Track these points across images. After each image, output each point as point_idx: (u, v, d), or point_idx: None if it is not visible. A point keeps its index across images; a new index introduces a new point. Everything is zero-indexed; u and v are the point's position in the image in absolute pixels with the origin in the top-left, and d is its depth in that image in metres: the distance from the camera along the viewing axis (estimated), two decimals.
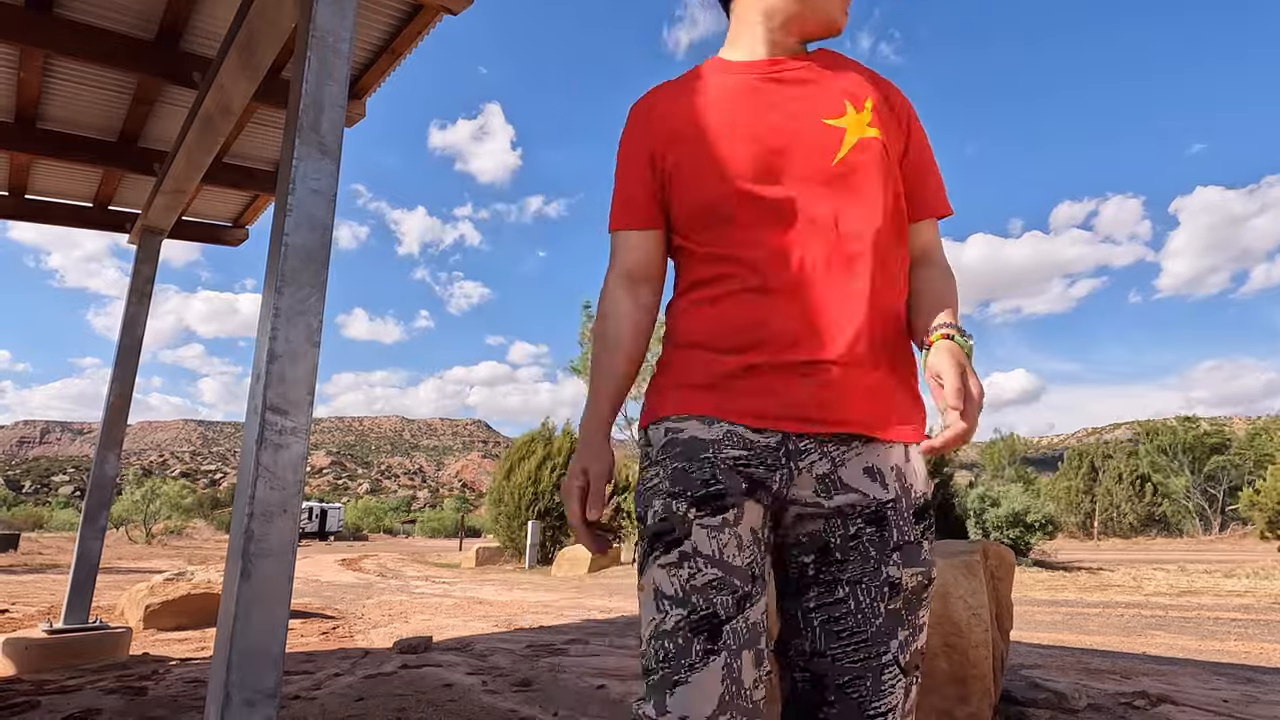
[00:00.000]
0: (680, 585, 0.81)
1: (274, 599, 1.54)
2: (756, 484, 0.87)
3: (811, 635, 0.87)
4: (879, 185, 0.92)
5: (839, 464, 0.87)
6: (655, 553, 0.85)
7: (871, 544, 0.86)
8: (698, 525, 0.83)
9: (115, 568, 13.88)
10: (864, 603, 0.85)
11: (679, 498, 0.85)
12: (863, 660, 0.84)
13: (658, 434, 0.91)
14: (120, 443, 4.23)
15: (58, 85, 3.57)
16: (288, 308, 1.67)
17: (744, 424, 0.87)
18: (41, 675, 3.54)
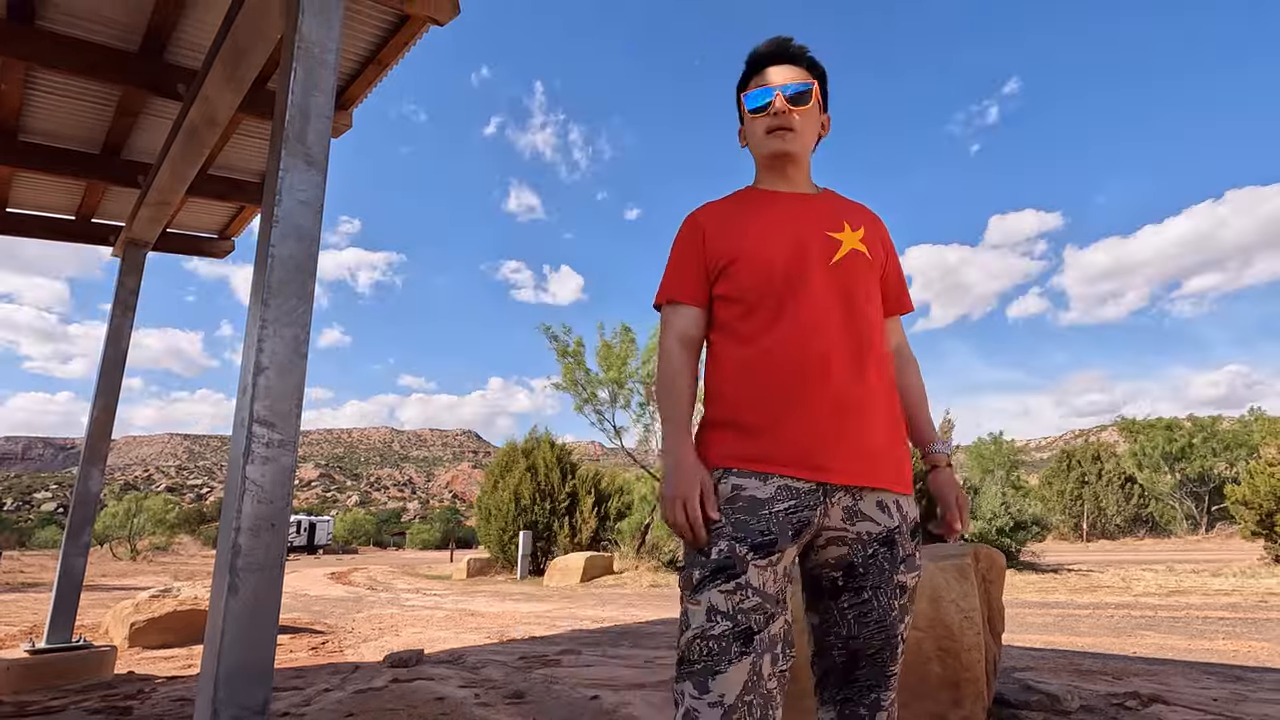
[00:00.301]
0: (732, 606, 1.11)
1: (262, 614, 1.52)
2: (803, 525, 1.17)
3: (847, 625, 1.22)
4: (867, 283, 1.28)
5: (858, 499, 1.20)
6: (718, 580, 1.12)
7: (886, 560, 1.21)
8: (753, 565, 1.13)
9: (99, 585, 13.66)
10: (883, 601, 1.21)
11: (741, 543, 1.13)
12: (884, 639, 1.21)
13: (725, 488, 1.18)
14: (104, 458, 4.17)
15: (40, 97, 3.54)
16: (274, 319, 1.66)
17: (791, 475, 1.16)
18: (24, 696, 3.47)
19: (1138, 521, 29.30)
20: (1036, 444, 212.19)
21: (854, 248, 1.28)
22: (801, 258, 1.25)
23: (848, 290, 1.25)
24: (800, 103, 1.32)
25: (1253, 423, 30.36)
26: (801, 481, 1.17)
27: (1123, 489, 29.68)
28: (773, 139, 1.33)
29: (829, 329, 1.22)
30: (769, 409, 1.20)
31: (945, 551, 2.52)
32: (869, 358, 1.24)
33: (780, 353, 1.21)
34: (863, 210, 1.39)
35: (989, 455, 35.91)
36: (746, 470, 1.18)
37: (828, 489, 1.18)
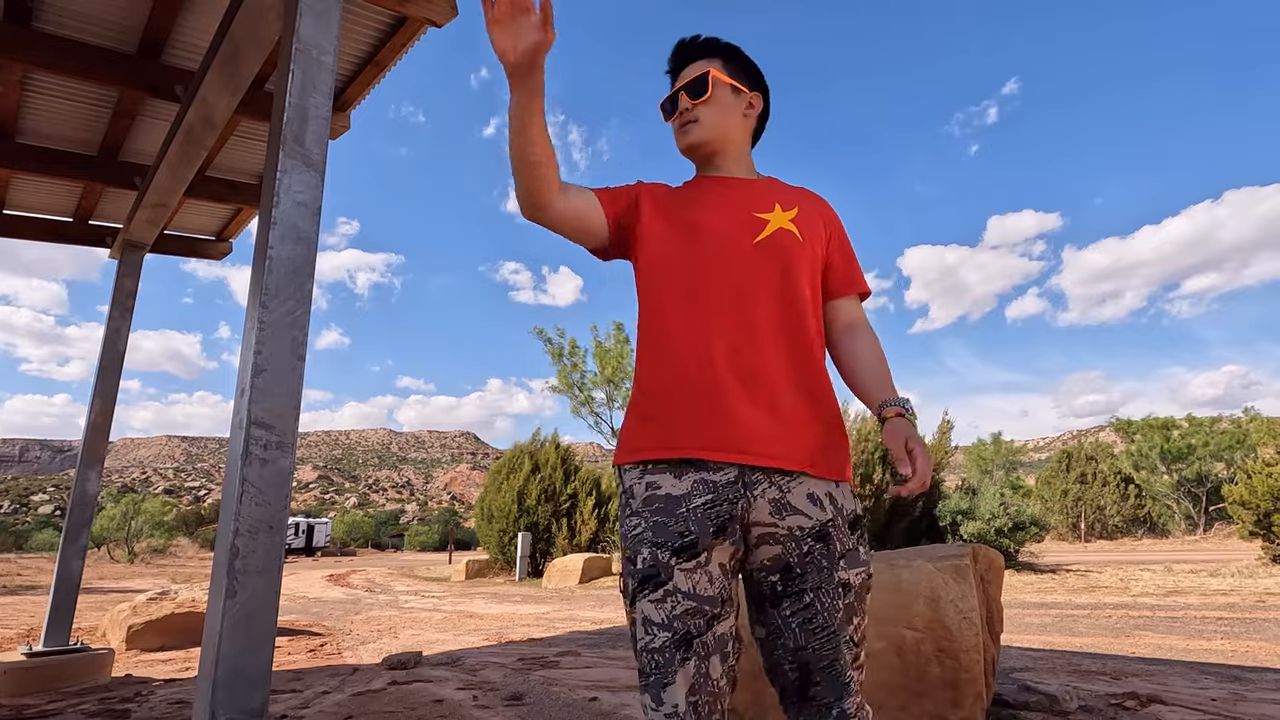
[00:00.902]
0: (665, 614, 1.07)
1: (260, 617, 1.51)
2: (725, 522, 1.10)
3: (793, 635, 1.12)
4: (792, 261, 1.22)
5: (785, 491, 1.12)
6: (645, 591, 1.09)
7: (823, 556, 1.11)
8: (678, 570, 1.08)
9: (97, 588, 13.63)
10: (826, 603, 1.11)
11: (662, 548, 1.09)
12: (834, 646, 1.11)
13: (640, 488, 1.14)
14: (102, 460, 4.16)
15: (37, 99, 3.54)
16: (273, 321, 1.66)
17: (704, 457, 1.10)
18: (21, 699, 3.46)
19: (1136, 522, 29.34)
20: (1035, 444, 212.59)
21: (782, 226, 1.24)
22: (722, 236, 1.22)
23: (771, 269, 1.20)
24: (697, 94, 1.31)
25: (1248, 423, 30.40)
26: (718, 473, 1.10)
27: (1121, 489, 29.73)
28: (680, 135, 1.34)
29: (744, 308, 1.17)
30: (676, 391, 1.15)
31: (944, 552, 2.52)
32: (790, 338, 1.18)
33: (690, 333, 1.17)
34: (802, 193, 1.35)
35: (988, 456, 35.91)
36: (660, 464, 1.13)
37: (748, 481, 1.11)
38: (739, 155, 1.36)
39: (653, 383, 1.19)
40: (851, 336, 1.31)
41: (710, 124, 1.32)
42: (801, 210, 1.28)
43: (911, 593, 2.35)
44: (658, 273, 1.24)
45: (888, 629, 2.35)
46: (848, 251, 1.35)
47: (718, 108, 1.32)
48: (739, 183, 1.32)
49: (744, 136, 1.36)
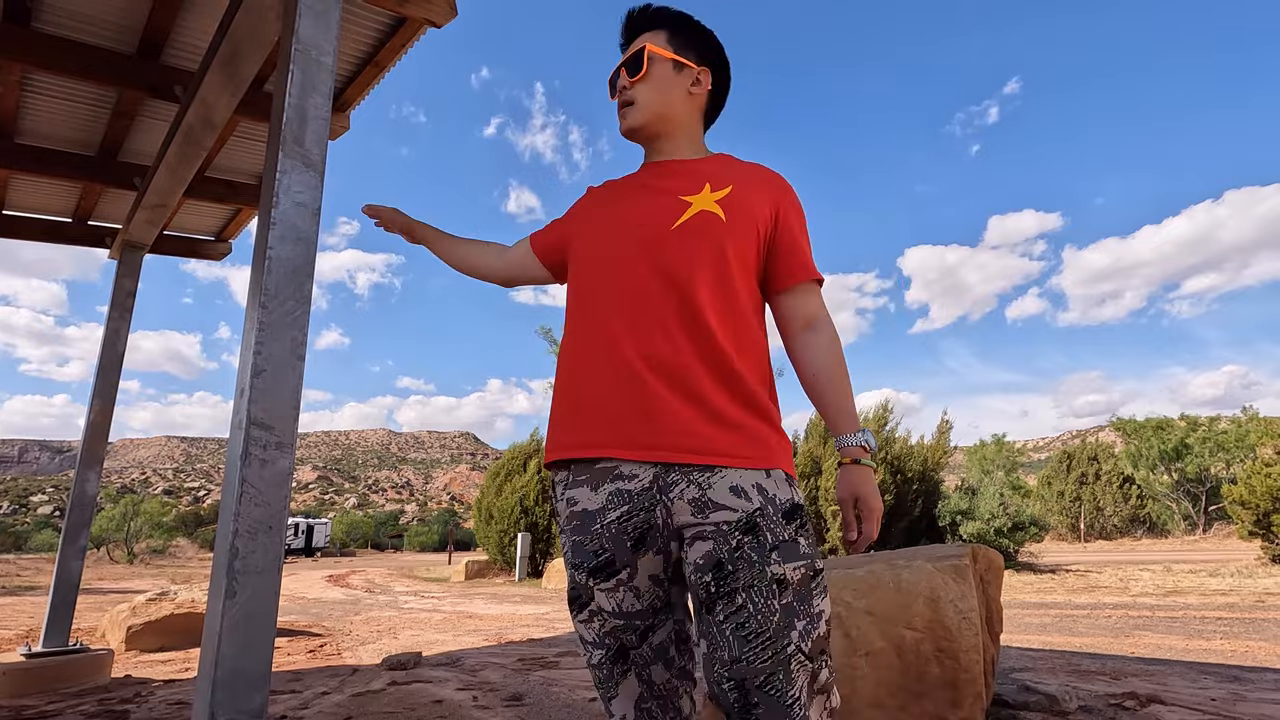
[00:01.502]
0: (595, 634, 1.07)
1: (260, 617, 1.51)
2: (643, 532, 1.04)
3: (728, 644, 0.98)
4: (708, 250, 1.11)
5: (705, 488, 1.03)
6: (574, 612, 1.10)
7: (753, 550, 0.99)
8: (598, 590, 1.06)
9: (96, 588, 13.62)
10: (760, 603, 0.97)
11: (579, 569, 1.07)
12: (772, 656, 0.96)
13: (563, 506, 1.12)
14: (101, 461, 4.16)
15: (36, 99, 3.54)
16: (272, 321, 1.66)
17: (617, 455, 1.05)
18: (20, 700, 3.46)
19: (1135, 522, 29.35)
20: (1034, 445, 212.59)
21: (704, 209, 1.13)
22: (637, 225, 1.15)
23: (687, 255, 1.10)
24: (633, 72, 1.22)
25: (1246, 422, 30.42)
26: (632, 481, 1.04)
27: (1120, 489, 29.74)
28: (619, 117, 1.25)
29: (655, 298, 1.09)
30: (586, 389, 1.11)
31: (943, 552, 2.52)
32: (706, 325, 1.07)
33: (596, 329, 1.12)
34: (747, 171, 1.21)
35: (989, 456, 35.95)
36: (580, 473, 1.09)
37: (664, 484, 1.03)
38: (686, 137, 1.26)
39: (564, 382, 1.16)
40: (809, 341, 1.18)
41: (647, 104, 1.22)
42: (735, 189, 1.16)
43: (911, 593, 2.35)
44: (572, 272, 1.24)
45: (888, 629, 2.35)
46: (795, 235, 1.19)
47: (656, 86, 1.22)
48: (676, 166, 1.23)
49: (690, 116, 1.25)
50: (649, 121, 1.24)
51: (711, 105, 1.30)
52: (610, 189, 1.28)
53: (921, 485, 15.59)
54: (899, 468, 15.48)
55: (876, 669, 2.32)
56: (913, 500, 15.25)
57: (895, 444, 16.16)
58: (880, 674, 2.32)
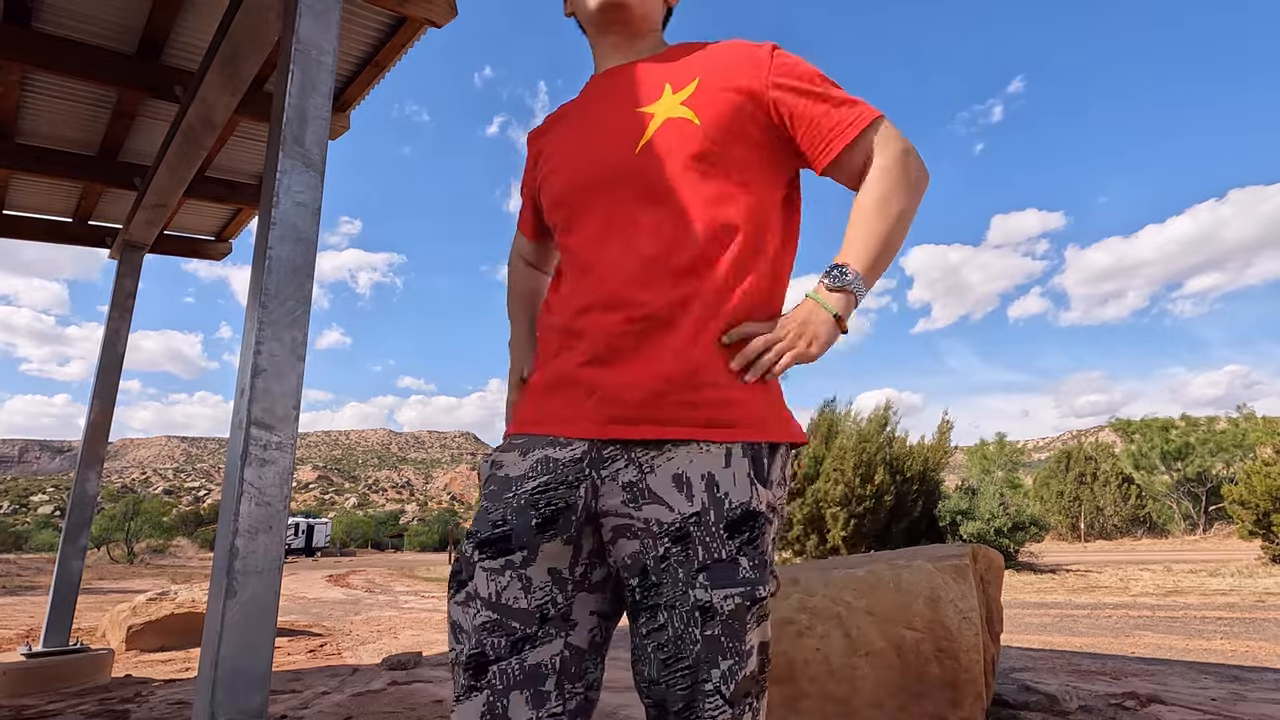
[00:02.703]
0: (469, 623, 0.83)
1: (260, 617, 1.51)
2: (556, 510, 0.84)
3: (648, 662, 0.83)
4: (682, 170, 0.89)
5: (647, 471, 0.84)
6: (452, 589, 0.87)
7: (679, 565, 0.82)
8: (479, 568, 0.84)
9: (97, 588, 13.63)
10: (679, 628, 0.81)
11: (471, 538, 0.86)
12: (690, 687, 0.80)
13: (485, 469, 0.93)
14: (102, 460, 4.16)
15: (36, 99, 3.54)
16: (272, 321, 1.66)
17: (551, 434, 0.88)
18: (20, 700, 3.46)
19: (1135, 522, 29.35)
20: (1035, 444, 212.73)
21: (669, 118, 0.91)
22: (589, 161, 0.94)
23: (654, 180, 0.89)
24: None
25: (1244, 421, 30.43)
26: (565, 449, 0.86)
27: (1120, 489, 29.75)
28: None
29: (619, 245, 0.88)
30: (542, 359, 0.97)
31: (944, 552, 2.53)
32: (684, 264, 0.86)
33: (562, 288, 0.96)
34: (713, 54, 0.97)
35: (990, 456, 35.90)
36: (514, 439, 0.92)
37: (597, 458, 0.85)
38: (654, 34, 1.05)
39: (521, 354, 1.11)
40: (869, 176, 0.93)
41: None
42: (703, 81, 0.93)
43: (911, 593, 2.35)
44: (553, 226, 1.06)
45: (888, 629, 2.35)
46: (808, 104, 0.92)
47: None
48: (627, 71, 1.00)
49: (659, 10, 1.05)
50: (635, 6, 0.99)
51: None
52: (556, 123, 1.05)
53: (922, 485, 15.59)
54: (899, 468, 15.48)
55: (876, 669, 2.32)
56: (913, 500, 15.25)
57: (895, 444, 16.16)
58: (880, 674, 2.32)
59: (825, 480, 15.34)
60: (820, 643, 2.43)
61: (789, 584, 2.57)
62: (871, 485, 14.68)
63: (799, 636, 2.47)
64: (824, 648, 2.41)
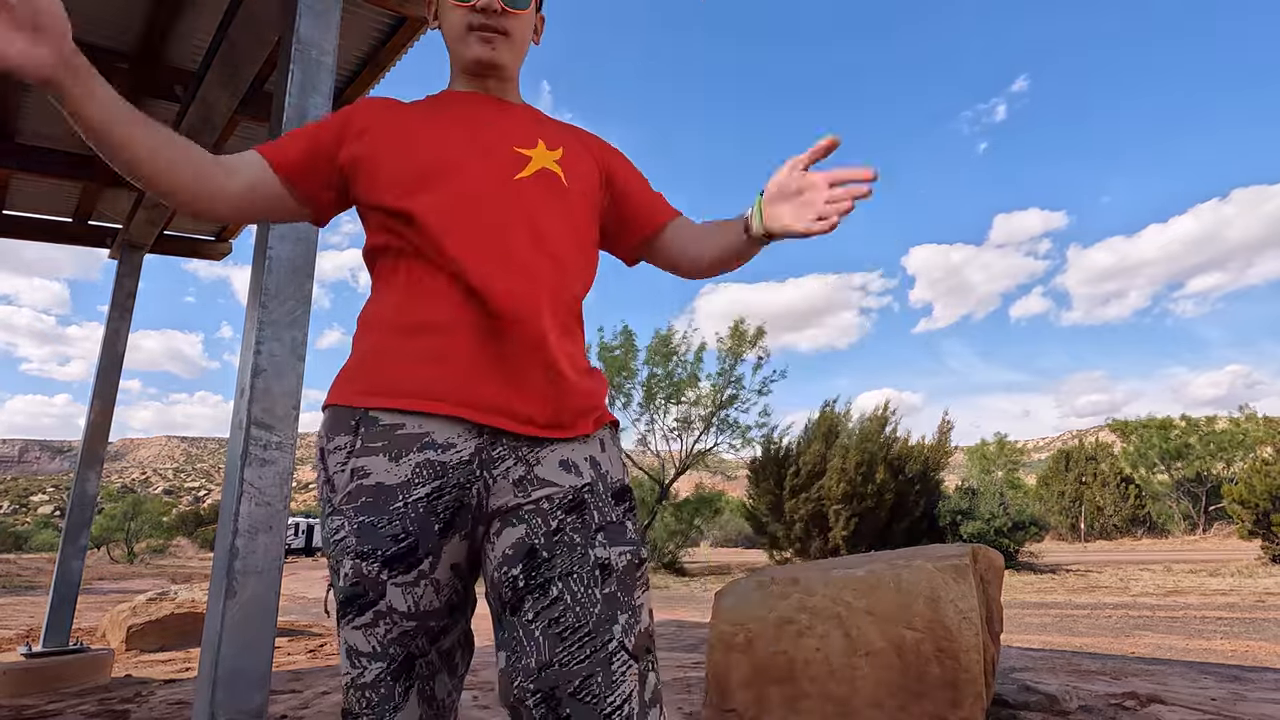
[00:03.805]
0: (378, 642, 0.84)
1: (260, 617, 1.51)
2: (454, 513, 0.86)
3: (537, 647, 0.82)
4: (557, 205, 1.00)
5: (533, 464, 0.89)
6: (349, 615, 0.86)
7: (575, 531, 0.86)
8: (391, 585, 0.84)
9: (96, 588, 13.63)
10: (579, 593, 0.83)
11: (369, 558, 0.84)
12: (590, 655, 0.81)
13: (342, 478, 0.88)
14: (102, 460, 4.16)
15: (36, 99, 3.54)
16: (272, 321, 1.66)
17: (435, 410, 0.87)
18: (20, 700, 3.46)
19: (1135, 521, 29.36)
20: (1035, 444, 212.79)
21: (545, 167, 1.00)
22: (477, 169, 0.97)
23: (531, 213, 0.96)
24: (520, 4, 1.05)
25: (1244, 421, 30.44)
26: (449, 451, 0.86)
27: (1120, 489, 29.77)
28: (476, 43, 1.03)
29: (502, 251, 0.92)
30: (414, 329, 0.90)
31: (944, 552, 2.53)
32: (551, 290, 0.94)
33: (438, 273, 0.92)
34: (574, 132, 1.12)
35: (990, 456, 35.92)
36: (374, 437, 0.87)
37: (486, 459, 0.87)
38: (516, 86, 1.13)
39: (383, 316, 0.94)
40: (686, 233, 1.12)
41: (518, 42, 1.07)
42: (568, 151, 1.05)
43: (911, 593, 2.35)
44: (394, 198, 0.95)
45: (888, 629, 2.35)
46: (645, 189, 1.14)
47: (526, 26, 1.08)
48: (503, 105, 1.08)
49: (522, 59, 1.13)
50: (512, 64, 1.08)
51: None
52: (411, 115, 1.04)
53: (922, 485, 15.60)
54: (899, 468, 15.48)
55: (876, 669, 2.32)
56: (913, 500, 15.26)
57: (896, 444, 16.17)
58: (880, 674, 2.32)
59: (830, 478, 15.33)
60: (820, 643, 2.43)
61: (789, 584, 2.57)
62: (873, 484, 14.69)
63: (799, 636, 2.47)
64: (824, 648, 2.41)
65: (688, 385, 19.72)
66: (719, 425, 19.58)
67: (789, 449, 17.61)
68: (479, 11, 1.02)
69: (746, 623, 2.58)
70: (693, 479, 22.02)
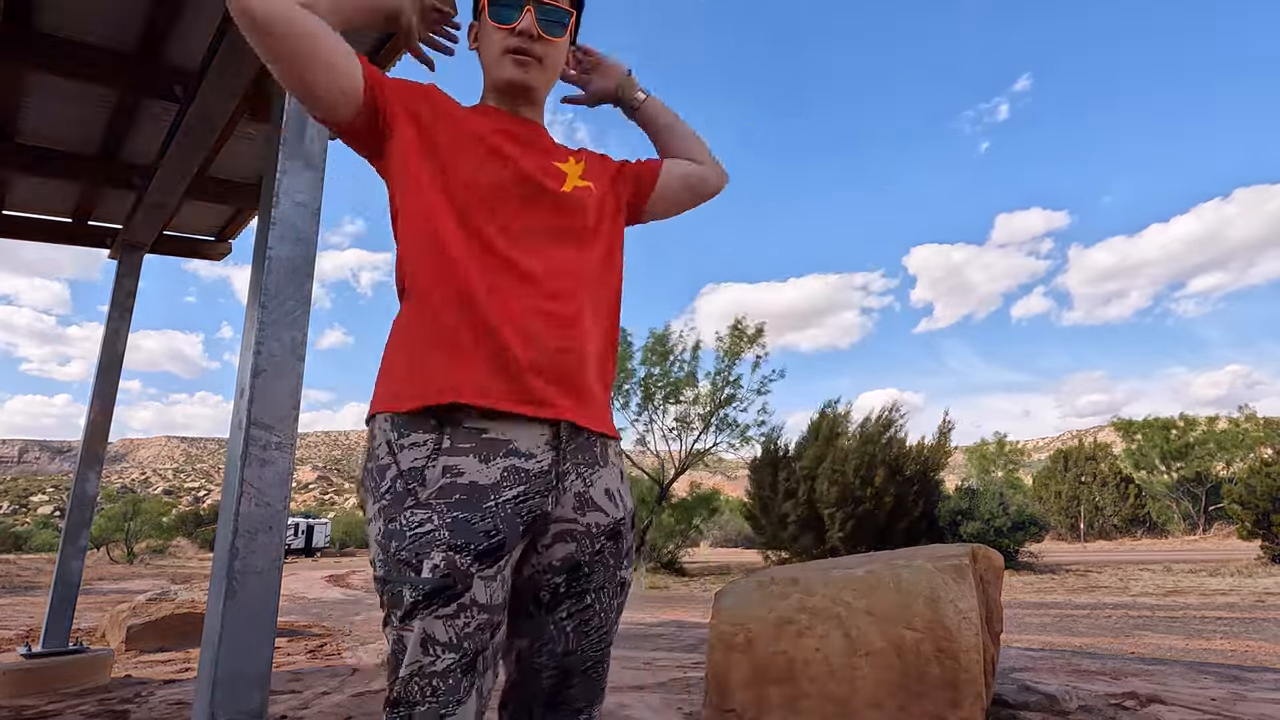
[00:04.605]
0: (455, 633, 0.89)
1: (259, 617, 1.51)
2: (534, 518, 0.96)
3: (565, 639, 1.02)
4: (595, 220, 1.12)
5: (589, 484, 1.03)
6: (434, 606, 0.88)
7: (611, 555, 1.05)
8: (478, 579, 0.90)
9: (96, 588, 13.63)
10: (605, 603, 1.04)
11: (462, 551, 0.89)
12: (600, 649, 1.05)
13: (434, 473, 0.92)
14: (101, 460, 4.16)
15: (36, 99, 3.54)
16: (272, 321, 1.66)
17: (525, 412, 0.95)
18: (20, 701, 3.46)
19: (1135, 521, 29.36)
20: (1035, 444, 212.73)
21: (579, 184, 1.12)
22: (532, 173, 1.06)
23: (570, 223, 1.08)
24: (554, 29, 1.12)
25: (1244, 422, 30.43)
26: (530, 460, 0.95)
27: (1120, 489, 29.76)
28: (512, 65, 1.10)
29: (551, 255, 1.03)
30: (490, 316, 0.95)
31: (943, 552, 2.52)
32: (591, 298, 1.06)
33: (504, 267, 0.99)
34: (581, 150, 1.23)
35: (990, 456, 35.90)
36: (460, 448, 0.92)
37: (560, 471, 0.98)
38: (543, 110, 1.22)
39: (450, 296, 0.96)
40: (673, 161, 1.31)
41: (550, 70, 1.15)
42: (588, 166, 1.18)
43: (911, 593, 2.35)
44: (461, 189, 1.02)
45: (888, 629, 2.35)
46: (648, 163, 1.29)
47: (559, 55, 1.16)
48: (535, 125, 1.18)
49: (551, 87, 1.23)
50: (547, 86, 1.17)
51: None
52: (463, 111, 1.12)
53: (921, 485, 15.59)
54: (899, 468, 15.47)
55: (876, 669, 2.32)
56: (913, 500, 15.25)
57: (896, 445, 16.16)
58: (880, 674, 2.32)
59: (821, 481, 15.31)
60: (820, 643, 2.43)
61: (789, 584, 2.57)
62: (872, 487, 14.68)
63: (799, 636, 2.47)
64: (824, 648, 2.41)
65: (685, 384, 19.72)
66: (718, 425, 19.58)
67: (787, 449, 17.61)
68: (517, 35, 1.09)
69: (746, 623, 2.58)
70: (692, 478, 22.02)
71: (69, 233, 4.74)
